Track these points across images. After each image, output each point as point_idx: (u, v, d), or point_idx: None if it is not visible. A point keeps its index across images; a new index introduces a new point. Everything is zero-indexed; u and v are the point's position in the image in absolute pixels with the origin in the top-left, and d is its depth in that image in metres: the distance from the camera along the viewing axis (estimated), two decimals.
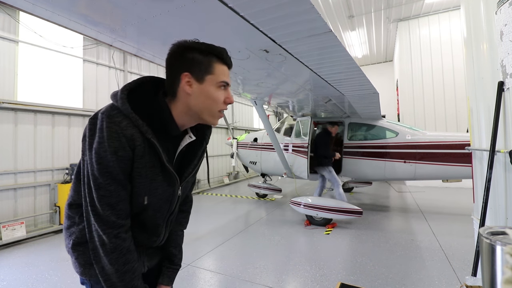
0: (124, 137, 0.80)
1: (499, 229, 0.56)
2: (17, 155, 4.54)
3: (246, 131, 11.05)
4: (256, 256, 3.51)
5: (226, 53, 0.93)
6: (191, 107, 0.90)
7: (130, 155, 0.82)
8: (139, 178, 0.86)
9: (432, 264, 3.14)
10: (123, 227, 0.86)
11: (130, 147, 0.82)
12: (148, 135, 0.83)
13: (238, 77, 3.09)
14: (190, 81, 0.88)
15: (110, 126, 0.79)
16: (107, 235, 0.83)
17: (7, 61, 4.49)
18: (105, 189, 0.82)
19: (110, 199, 0.82)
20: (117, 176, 0.82)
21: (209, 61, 0.89)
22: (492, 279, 0.54)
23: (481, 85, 2.11)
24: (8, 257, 3.66)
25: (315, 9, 1.58)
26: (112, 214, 0.83)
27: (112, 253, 0.83)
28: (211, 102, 0.90)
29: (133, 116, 0.82)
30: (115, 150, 0.80)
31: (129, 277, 0.86)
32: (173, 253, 1.14)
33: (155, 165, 0.88)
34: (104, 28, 1.87)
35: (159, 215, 0.98)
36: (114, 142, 0.79)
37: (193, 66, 0.88)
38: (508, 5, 1.69)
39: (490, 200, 1.95)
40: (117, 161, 0.80)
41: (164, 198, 0.95)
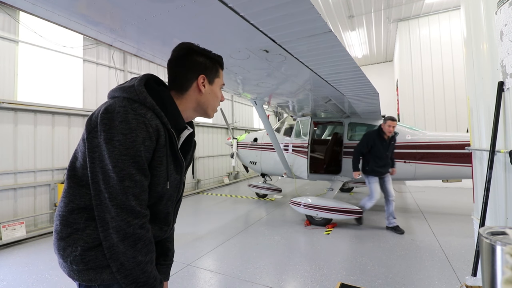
0: (151, 127, 0.85)
1: (499, 229, 0.56)
2: (17, 155, 4.54)
3: (246, 131, 11.05)
4: (256, 256, 3.51)
5: (222, 60, 1.12)
6: (201, 103, 1.05)
7: (154, 145, 0.87)
8: (160, 167, 0.91)
9: (432, 264, 3.14)
10: (147, 217, 0.88)
11: (156, 137, 0.87)
12: (169, 126, 0.91)
13: (238, 77, 3.09)
14: (204, 82, 1.03)
15: (137, 117, 0.83)
16: (132, 226, 0.83)
17: (7, 61, 4.49)
18: (131, 180, 0.83)
19: (135, 189, 0.83)
20: (143, 166, 0.85)
21: (216, 67, 1.06)
22: (492, 279, 0.54)
23: (481, 85, 2.11)
24: (8, 257, 3.66)
25: (315, 9, 1.57)
26: (138, 204, 0.84)
27: (136, 244, 0.83)
28: (216, 100, 1.09)
29: (157, 108, 0.89)
30: (143, 140, 0.84)
31: (150, 268, 0.87)
32: (169, 248, 1.15)
33: (172, 153, 0.95)
34: (104, 28, 1.87)
35: (170, 203, 1.03)
36: (143, 132, 0.83)
37: (207, 69, 1.03)
38: (508, 5, 1.69)
39: (490, 200, 1.95)
40: (144, 150, 0.84)
41: (174, 186, 1.01)
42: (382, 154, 4.16)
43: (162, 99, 0.95)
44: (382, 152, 4.16)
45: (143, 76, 0.98)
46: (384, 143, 4.15)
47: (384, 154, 4.16)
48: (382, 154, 4.16)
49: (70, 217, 0.88)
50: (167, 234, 1.07)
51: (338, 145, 5.93)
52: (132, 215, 0.83)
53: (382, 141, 4.15)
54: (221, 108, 8.41)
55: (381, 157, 4.16)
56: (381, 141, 4.15)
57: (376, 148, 4.15)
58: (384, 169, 4.25)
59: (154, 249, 0.91)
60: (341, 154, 5.52)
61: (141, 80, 0.94)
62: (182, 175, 1.06)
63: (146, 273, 0.85)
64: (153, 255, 0.90)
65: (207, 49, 1.05)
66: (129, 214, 0.83)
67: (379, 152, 4.15)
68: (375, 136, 4.18)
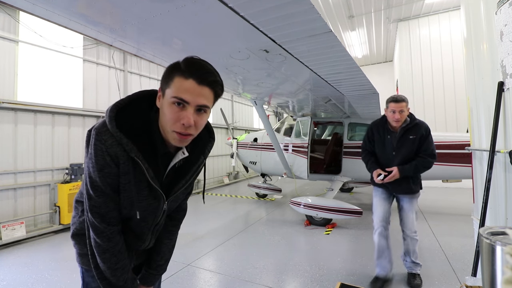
0: (109, 155, 0.84)
1: (499, 229, 0.56)
2: (17, 155, 4.54)
3: (246, 131, 11.05)
4: (256, 256, 3.51)
5: (194, 64, 0.83)
6: (161, 123, 0.89)
7: (115, 171, 0.87)
8: (124, 192, 0.91)
9: (432, 264, 3.13)
10: (114, 232, 0.93)
11: (115, 164, 0.86)
12: (132, 153, 0.85)
13: (238, 77, 3.09)
14: (160, 95, 0.88)
15: (96, 144, 0.84)
16: (100, 238, 0.91)
17: (7, 61, 4.49)
18: (95, 200, 0.89)
19: (100, 209, 0.89)
20: (105, 190, 0.88)
21: (171, 73, 0.83)
22: (492, 279, 0.54)
23: (481, 85, 2.11)
24: (8, 257, 3.66)
25: (315, 9, 1.57)
26: (102, 221, 0.90)
27: (105, 253, 0.91)
28: (165, 120, 0.85)
29: (118, 135, 0.83)
30: (101, 168, 0.85)
31: (119, 272, 0.95)
32: (154, 259, 1.16)
33: (141, 180, 0.90)
34: (104, 28, 1.87)
35: (144, 224, 1.02)
36: (100, 160, 0.84)
37: (163, 80, 0.86)
38: (508, 5, 1.69)
39: (490, 200, 1.95)
40: (103, 177, 0.86)
41: (149, 211, 0.99)
42: (385, 154, 2.71)
43: (140, 122, 0.89)
44: (386, 151, 2.70)
45: (131, 95, 0.92)
46: (389, 136, 2.68)
47: (389, 153, 2.68)
48: (385, 154, 2.71)
49: (76, 204, 1.08)
50: (142, 248, 1.10)
51: (338, 145, 5.93)
52: (96, 230, 0.90)
53: (386, 133, 2.69)
54: (221, 108, 8.41)
55: (385, 158, 2.71)
56: (384, 134, 2.71)
57: (377, 144, 2.77)
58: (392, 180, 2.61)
59: (126, 257, 0.97)
60: (341, 154, 5.51)
61: (121, 101, 0.89)
62: (162, 202, 0.99)
63: (115, 276, 0.93)
64: (124, 263, 0.96)
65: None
66: (94, 229, 0.90)
67: (381, 151, 2.74)
68: (376, 127, 2.80)
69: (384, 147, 2.72)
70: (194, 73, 0.81)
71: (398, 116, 2.54)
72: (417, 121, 2.66)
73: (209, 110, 0.89)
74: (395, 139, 2.66)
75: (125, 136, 0.83)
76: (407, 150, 2.61)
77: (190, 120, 0.82)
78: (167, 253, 1.18)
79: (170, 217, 1.17)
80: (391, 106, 2.57)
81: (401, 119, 2.56)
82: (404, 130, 2.62)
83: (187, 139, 0.88)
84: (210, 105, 0.87)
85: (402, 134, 2.64)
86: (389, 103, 2.60)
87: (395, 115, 2.55)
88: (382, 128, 2.74)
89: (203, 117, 0.87)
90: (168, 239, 1.18)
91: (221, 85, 0.89)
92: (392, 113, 2.58)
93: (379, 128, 2.76)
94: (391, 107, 2.57)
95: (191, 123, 0.82)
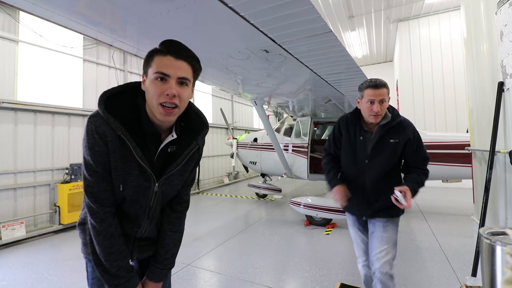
0: (97, 133, 0.90)
1: (499, 230, 0.56)
2: (17, 155, 4.54)
3: (246, 131, 11.05)
4: (256, 256, 3.51)
5: (170, 43, 0.94)
6: (147, 103, 0.96)
7: (105, 150, 0.92)
8: (115, 171, 0.95)
9: (432, 265, 3.13)
10: (107, 213, 0.96)
11: (104, 143, 0.91)
12: (118, 131, 0.90)
13: (238, 77, 3.09)
14: (144, 79, 0.96)
15: (88, 125, 0.91)
16: (94, 219, 0.95)
17: (7, 61, 4.49)
18: (88, 180, 0.94)
19: (93, 189, 0.94)
20: (96, 169, 0.93)
21: (151, 55, 0.93)
22: (492, 279, 0.54)
23: (481, 85, 2.11)
24: (7, 257, 3.66)
25: (315, 9, 1.58)
26: (95, 201, 0.94)
27: (99, 236, 0.96)
28: (150, 96, 0.93)
29: (106, 115, 0.90)
30: (91, 146, 0.91)
31: (113, 258, 0.97)
32: (159, 252, 1.16)
33: (131, 160, 0.95)
34: (104, 28, 1.87)
35: (138, 207, 1.05)
36: (90, 139, 0.91)
37: (144, 64, 0.96)
38: (508, 6, 1.69)
39: (490, 200, 1.95)
40: (94, 155, 0.91)
41: (141, 191, 1.01)
42: (354, 162, 1.90)
43: (128, 106, 0.96)
44: (357, 158, 1.88)
45: (120, 86, 1.00)
46: (361, 137, 1.87)
47: (360, 162, 1.86)
48: (354, 162, 1.90)
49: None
50: (139, 234, 1.11)
51: None
52: (90, 211, 0.95)
53: (358, 133, 1.88)
54: (221, 108, 8.41)
55: (354, 168, 1.90)
56: (356, 133, 1.90)
57: (344, 147, 1.95)
58: (361, 200, 1.88)
59: (121, 243, 1.00)
60: None
61: (109, 90, 0.96)
62: (152, 183, 1.01)
63: (109, 261, 0.96)
64: (119, 248, 0.99)
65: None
66: (89, 210, 0.96)
67: (349, 157, 1.93)
68: (346, 123, 1.95)
69: (354, 153, 1.86)
70: (171, 50, 0.92)
71: (378, 109, 1.70)
72: (401, 119, 1.83)
73: (190, 84, 0.97)
74: (370, 141, 1.82)
75: (112, 116, 0.90)
76: (386, 158, 1.79)
77: (173, 90, 0.90)
78: (173, 247, 1.18)
79: (172, 208, 1.18)
80: (368, 94, 1.72)
81: (381, 113, 1.72)
82: (383, 130, 1.79)
83: (173, 112, 0.93)
84: (190, 78, 0.95)
85: (381, 136, 1.80)
86: (364, 89, 1.75)
87: (373, 107, 1.71)
88: (353, 125, 1.89)
89: (186, 90, 0.94)
90: (172, 231, 1.17)
91: (197, 60, 0.98)
92: (369, 104, 1.73)
93: (349, 125, 1.90)
94: (368, 95, 1.72)
95: (174, 92, 0.90)
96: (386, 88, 1.73)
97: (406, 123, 1.84)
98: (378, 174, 1.81)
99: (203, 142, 1.13)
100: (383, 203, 1.77)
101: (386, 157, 1.79)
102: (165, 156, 1.04)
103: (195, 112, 1.13)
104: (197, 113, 1.13)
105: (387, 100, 1.74)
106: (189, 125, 1.08)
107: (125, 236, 1.06)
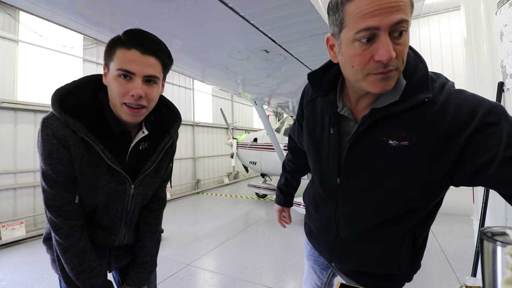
0: (56, 138, 0.78)
1: (499, 230, 0.56)
2: (17, 155, 4.54)
3: (246, 131, 11.05)
4: (256, 256, 3.51)
5: (136, 34, 0.79)
6: (110, 100, 0.84)
7: (67, 156, 0.80)
8: (83, 179, 0.83)
9: (431, 265, 3.13)
10: (73, 228, 0.85)
11: (65, 148, 0.79)
12: (80, 133, 0.79)
13: (238, 77, 3.09)
14: (105, 71, 0.83)
15: (43, 129, 0.79)
16: (59, 236, 0.84)
17: (7, 61, 4.49)
18: (48, 192, 0.82)
19: (54, 201, 0.82)
20: (57, 179, 0.81)
21: (112, 46, 0.79)
22: (492, 280, 0.54)
23: (481, 85, 2.11)
24: (7, 257, 3.66)
25: (315, 9, 1.57)
26: (59, 216, 0.83)
27: (66, 253, 0.85)
28: (113, 94, 0.81)
29: (63, 116, 0.78)
30: (48, 154, 0.79)
31: (85, 276, 0.87)
32: (138, 256, 1.08)
33: (100, 164, 0.84)
34: (104, 28, 1.87)
35: (113, 213, 0.95)
36: (47, 145, 0.79)
37: (105, 55, 0.82)
38: (508, 6, 1.69)
39: (490, 200, 1.95)
40: (53, 164, 0.80)
41: (116, 196, 0.91)
42: (317, 174, 0.89)
43: (89, 104, 0.85)
44: (321, 168, 0.86)
45: (74, 81, 0.87)
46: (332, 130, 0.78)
47: (329, 176, 0.82)
48: (317, 174, 0.89)
49: None
50: (117, 243, 1.02)
51: None
52: (54, 226, 0.84)
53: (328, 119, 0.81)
54: (221, 108, 8.41)
55: (318, 184, 0.91)
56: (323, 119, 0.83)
57: (307, 142, 0.92)
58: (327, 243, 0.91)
59: (93, 258, 0.90)
60: None
61: (63, 87, 0.84)
62: (128, 186, 0.92)
63: (80, 280, 0.87)
64: (91, 265, 0.89)
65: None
66: (52, 225, 0.84)
67: (311, 163, 0.93)
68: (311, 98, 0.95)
69: (317, 159, 0.88)
70: (136, 43, 0.77)
71: (390, 54, 0.57)
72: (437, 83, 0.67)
73: (159, 81, 0.85)
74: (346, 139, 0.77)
75: (71, 117, 0.78)
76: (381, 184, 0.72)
77: (139, 90, 0.78)
78: (152, 249, 1.10)
79: (148, 208, 1.10)
80: (362, 10, 0.56)
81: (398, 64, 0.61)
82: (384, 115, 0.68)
83: (139, 112, 0.82)
84: (159, 76, 0.83)
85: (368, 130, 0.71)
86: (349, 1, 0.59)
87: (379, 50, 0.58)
88: (320, 102, 0.90)
89: (154, 89, 0.83)
90: (150, 232, 1.09)
91: (167, 53, 0.85)
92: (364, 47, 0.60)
93: (316, 101, 0.93)
94: (363, 15, 0.57)
95: (140, 93, 0.78)
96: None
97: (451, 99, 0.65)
98: (362, 215, 0.80)
99: (177, 135, 1.05)
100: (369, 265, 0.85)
101: (381, 180, 0.72)
102: (138, 155, 0.94)
103: (165, 103, 1.03)
104: (167, 104, 1.03)
105: (408, 30, 0.61)
106: (160, 119, 0.98)
107: (101, 248, 0.97)
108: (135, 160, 0.94)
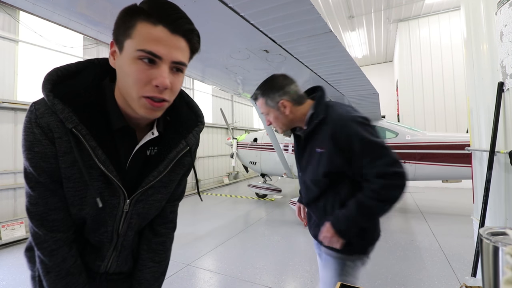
0: (39, 126, 0.61)
1: (499, 230, 0.56)
2: (17, 155, 4.53)
3: (246, 131, 11.05)
4: (256, 256, 3.51)
5: (164, 4, 0.59)
6: (120, 89, 0.65)
7: (50, 151, 0.62)
8: (69, 182, 0.65)
9: (431, 265, 3.13)
10: (59, 242, 0.68)
11: (49, 140, 0.62)
12: (69, 123, 0.61)
13: (238, 77, 3.09)
14: (115, 50, 0.63)
15: (28, 115, 0.62)
16: (41, 251, 0.67)
17: (7, 61, 4.49)
18: (30, 196, 0.66)
19: (37, 207, 0.65)
20: (39, 178, 0.64)
21: (131, 18, 0.59)
22: (492, 280, 0.54)
23: (481, 85, 2.11)
24: (7, 257, 3.66)
25: (315, 10, 1.58)
26: (41, 225, 0.66)
27: (49, 274, 0.68)
28: (127, 82, 0.61)
29: (51, 99, 0.61)
30: (30, 145, 0.62)
31: None
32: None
33: (92, 166, 0.65)
34: (104, 28, 1.87)
35: (103, 230, 0.75)
36: (29, 135, 0.62)
37: (117, 28, 0.62)
38: (508, 6, 1.70)
39: (490, 200, 1.95)
40: (34, 159, 0.62)
41: (108, 210, 0.72)
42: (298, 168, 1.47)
43: (90, 91, 0.67)
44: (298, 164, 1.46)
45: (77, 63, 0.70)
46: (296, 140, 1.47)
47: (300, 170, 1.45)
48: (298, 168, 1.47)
49: None
50: (102, 270, 0.80)
51: None
52: (36, 239, 0.67)
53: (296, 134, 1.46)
54: (221, 108, 8.41)
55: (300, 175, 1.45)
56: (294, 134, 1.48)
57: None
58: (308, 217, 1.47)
59: (82, 282, 0.73)
60: None
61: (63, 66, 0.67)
62: (121, 199, 0.72)
63: None
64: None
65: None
66: (34, 238, 0.67)
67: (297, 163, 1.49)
68: None
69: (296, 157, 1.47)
70: (165, 18, 0.57)
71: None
72: (323, 116, 1.19)
73: (185, 71, 0.66)
74: (300, 148, 1.39)
75: (60, 102, 0.61)
76: (312, 174, 1.26)
77: (166, 80, 0.59)
78: (153, 283, 0.88)
79: (153, 231, 0.87)
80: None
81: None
82: (305, 135, 1.28)
83: (161, 106, 0.63)
84: (186, 63, 0.64)
85: (305, 141, 1.31)
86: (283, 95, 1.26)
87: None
88: None
89: (180, 79, 0.64)
90: (154, 261, 0.87)
91: (199, 36, 0.65)
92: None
93: None
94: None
95: (167, 84, 0.59)
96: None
97: (332, 119, 1.15)
98: (310, 192, 1.30)
99: (197, 143, 0.83)
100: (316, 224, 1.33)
101: (311, 173, 1.24)
102: (143, 162, 0.74)
103: (187, 102, 0.82)
104: (190, 103, 0.82)
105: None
106: (178, 120, 0.78)
107: (88, 271, 0.77)
108: (138, 168, 0.73)
